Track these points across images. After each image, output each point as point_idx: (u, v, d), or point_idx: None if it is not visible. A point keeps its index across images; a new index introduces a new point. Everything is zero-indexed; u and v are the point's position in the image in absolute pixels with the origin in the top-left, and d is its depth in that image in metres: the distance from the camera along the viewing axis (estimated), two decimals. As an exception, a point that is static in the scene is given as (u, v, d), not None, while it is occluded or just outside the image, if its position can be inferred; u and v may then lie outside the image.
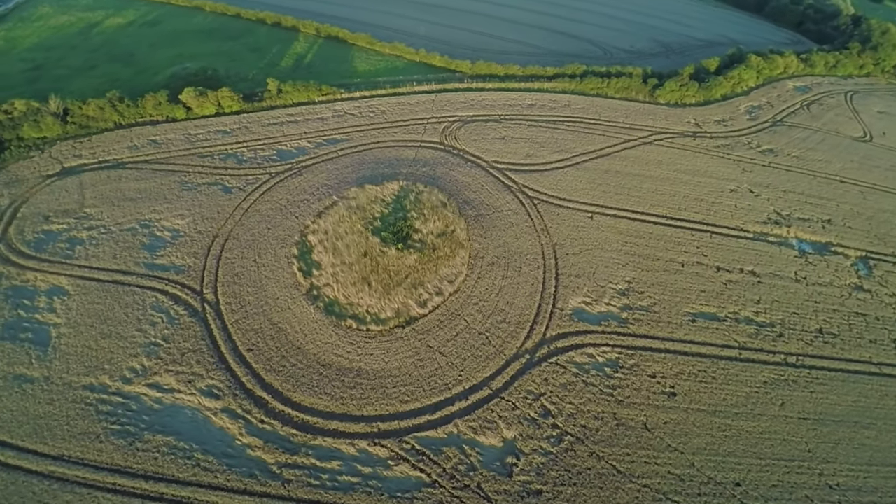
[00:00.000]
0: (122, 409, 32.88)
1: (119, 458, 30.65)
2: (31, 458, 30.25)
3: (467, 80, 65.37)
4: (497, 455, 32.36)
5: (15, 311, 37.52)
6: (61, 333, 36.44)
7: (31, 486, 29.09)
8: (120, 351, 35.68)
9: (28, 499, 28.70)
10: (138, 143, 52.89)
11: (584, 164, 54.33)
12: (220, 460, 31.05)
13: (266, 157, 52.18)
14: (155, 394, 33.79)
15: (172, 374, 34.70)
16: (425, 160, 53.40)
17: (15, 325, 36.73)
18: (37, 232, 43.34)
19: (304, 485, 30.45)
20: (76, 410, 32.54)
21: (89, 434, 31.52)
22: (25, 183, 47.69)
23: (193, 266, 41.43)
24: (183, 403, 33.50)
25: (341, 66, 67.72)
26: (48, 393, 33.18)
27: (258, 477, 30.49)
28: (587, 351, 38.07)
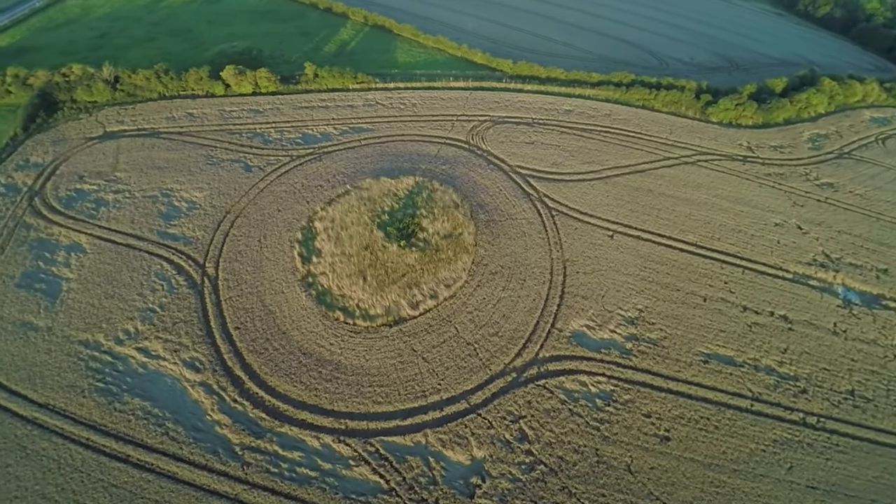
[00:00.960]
0: (109, 369, 34.17)
1: (97, 414, 31.83)
2: (20, 403, 32.04)
3: (506, 79, 63.23)
4: (462, 473, 30.83)
5: (35, 262, 40.01)
6: (71, 288, 38.46)
7: (14, 429, 30.79)
8: (119, 312, 37.14)
9: (10, 440, 30.38)
10: (176, 114, 55.11)
11: (615, 179, 50.99)
12: (188, 433, 31.51)
13: (291, 140, 52.81)
14: (142, 358, 34.88)
15: (161, 342, 35.68)
16: (447, 158, 52.10)
17: (32, 276, 39.17)
18: (69, 190, 46.10)
19: (262, 470, 30.30)
20: (69, 363, 34.17)
21: (75, 388, 32.99)
22: (70, 143, 50.93)
23: (201, 239, 42.50)
24: (165, 371, 34.36)
25: (382, 56, 67.53)
26: (48, 343, 35.07)
27: (220, 455, 30.66)
28: (580, 378, 35.55)
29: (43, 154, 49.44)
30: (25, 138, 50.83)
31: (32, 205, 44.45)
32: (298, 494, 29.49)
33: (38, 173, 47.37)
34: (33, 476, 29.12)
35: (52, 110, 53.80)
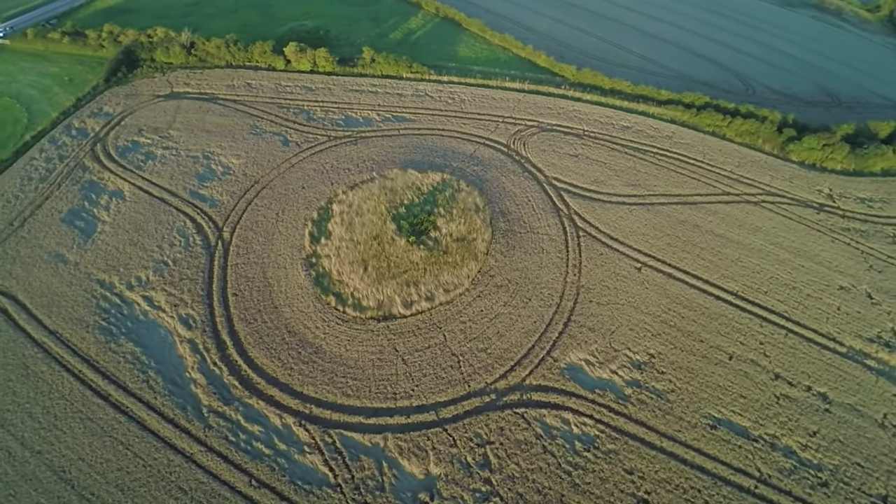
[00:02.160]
0: (115, 311, 36.55)
1: (93, 351, 34.16)
2: (35, 326, 35.17)
3: (566, 86, 59.78)
4: (412, 486, 29.44)
5: (82, 202, 43.82)
6: (104, 231, 41.66)
7: (24, 349, 33.84)
8: (137, 260, 39.64)
9: (17, 358, 33.44)
10: (236, 83, 57.96)
11: (659, 207, 46.33)
12: (166, 385, 32.87)
13: (333, 121, 53.55)
14: (145, 306, 36.96)
15: (165, 294, 37.58)
16: (481, 159, 50.21)
17: (76, 213, 42.93)
18: (127, 140, 50.03)
19: (221, 436, 30.87)
20: (83, 299, 36.99)
21: (82, 322, 35.64)
22: (139, 98, 55.31)
23: (226, 204, 44.27)
24: (161, 323, 36.12)
25: (444, 48, 66.61)
26: (71, 277, 38.24)
27: (188, 413, 31.66)
28: (564, 415, 32.60)
29: (115, 105, 54.17)
30: (105, 89, 56.02)
31: (94, 150, 48.85)
32: (248, 468, 29.70)
33: (106, 122, 51.99)
34: (27, 394, 31.86)
35: (132, 67, 58.82)
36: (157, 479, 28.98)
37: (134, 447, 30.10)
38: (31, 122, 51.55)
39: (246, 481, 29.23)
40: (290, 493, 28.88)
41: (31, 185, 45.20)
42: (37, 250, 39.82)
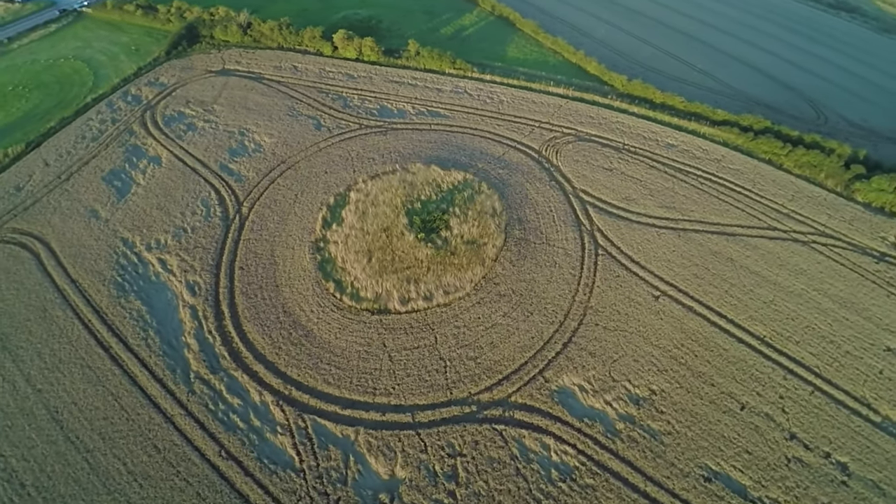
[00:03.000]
0: (131, 268, 38.59)
1: (105, 303, 36.21)
2: (59, 273, 37.80)
3: (612, 96, 56.75)
4: (375, 485, 28.86)
5: (123, 164, 46.69)
6: (136, 192, 44.12)
7: (46, 293, 36.44)
8: (159, 223, 41.64)
9: (39, 299, 36.06)
10: (283, 65, 59.67)
11: (693, 235, 42.82)
12: (162, 346, 34.24)
13: (367, 110, 53.82)
14: (158, 268, 38.72)
15: (178, 259, 39.20)
16: (509, 162, 48.62)
17: (116, 174, 45.78)
18: (174, 110, 52.78)
19: (202, 403, 31.73)
20: (106, 253, 39.32)
21: (101, 275, 37.88)
22: (193, 71, 58.25)
23: (251, 180, 45.58)
24: (170, 286, 37.70)
25: (493, 47, 65.23)
26: (99, 232, 40.77)
27: (176, 376, 32.80)
28: (545, 440, 30.81)
29: (170, 76, 57.38)
30: (164, 61, 59.51)
31: (143, 116, 51.98)
32: (220, 438, 30.30)
33: (159, 91, 55.17)
34: (40, 335, 34.26)
35: (193, 42, 62.12)
36: (136, 433, 30.22)
37: (122, 400, 31.59)
38: (95, 86, 55.82)
39: (216, 451, 29.85)
40: (255, 469, 29.18)
41: (83, 143, 48.83)
42: (75, 204, 42.89)
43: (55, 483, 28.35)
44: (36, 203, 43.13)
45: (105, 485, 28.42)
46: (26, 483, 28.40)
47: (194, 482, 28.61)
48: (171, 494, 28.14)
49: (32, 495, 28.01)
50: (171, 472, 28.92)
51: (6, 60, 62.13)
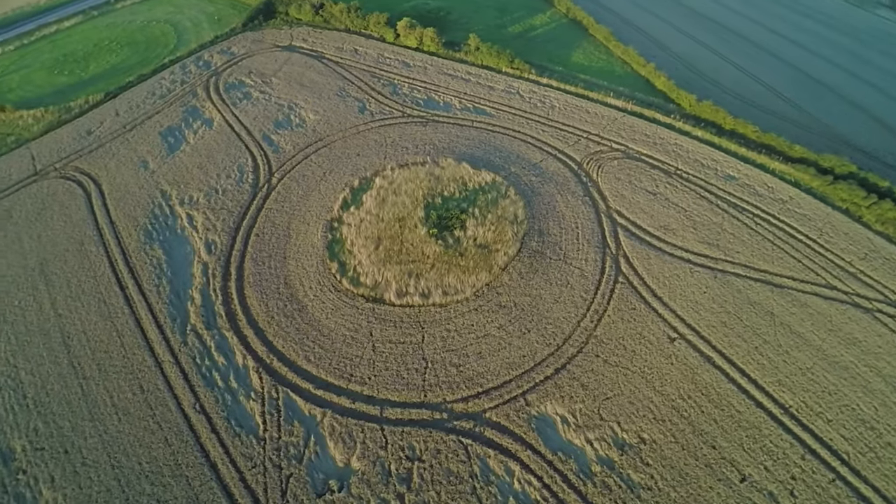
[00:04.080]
0: (162, 219, 41.31)
1: (132, 247, 39.07)
2: (102, 212, 41.39)
3: (677, 115, 52.09)
4: (328, 470, 28.68)
5: (180, 122, 50.16)
6: (184, 150, 47.21)
7: (87, 228, 40.15)
8: (196, 181, 44.22)
9: (80, 233, 39.77)
10: (345, 47, 61.05)
11: (732, 279, 38.18)
12: (169, 295, 36.36)
13: (413, 99, 53.61)
14: (185, 222, 41.14)
15: (204, 217, 41.38)
16: (544, 170, 46.25)
17: (171, 131, 49.27)
18: (236, 79, 55.82)
19: (190, 356, 33.31)
20: (144, 202, 42.46)
21: (135, 220, 40.94)
22: (262, 44, 61.29)
23: (287, 152, 47.09)
24: (191, 240, 39.91)
25: (559, 50, 62.38)
26: (144, 181, 44.08)
27: (175, 325, 34.69)
28: (511, 465, 28.99)
29: (241, 47, 60.81)
30: (239, 32, 63.22)
31: (208, 81, 55.50)
32: (198, 392, 31.61)
33: (228, 59, 58.66)
34: (73, 265, 37.72)
35: (268, 17, 65.41)
36: (128, 371, 32.35)
37: (124, 337, 33.96)
38: (175, 48, 60.60)
39: (192, 402, 31.20)
40: (221, 427, 30.13)
41: (151, 99, 53.14)
42: (130, 153, 46.76)
43: (51, 400, 31.10)
44: (100, 147, 47.65)
45: (90, 411, 30.71)
46: (28, 395, 31.43)
47: (165, 427, 30.12)
48: (142, 434, 29.83)
49: (30, 407, 30.93)
50: (148, 413, 30.66)
51: (109, 18, 69.53)
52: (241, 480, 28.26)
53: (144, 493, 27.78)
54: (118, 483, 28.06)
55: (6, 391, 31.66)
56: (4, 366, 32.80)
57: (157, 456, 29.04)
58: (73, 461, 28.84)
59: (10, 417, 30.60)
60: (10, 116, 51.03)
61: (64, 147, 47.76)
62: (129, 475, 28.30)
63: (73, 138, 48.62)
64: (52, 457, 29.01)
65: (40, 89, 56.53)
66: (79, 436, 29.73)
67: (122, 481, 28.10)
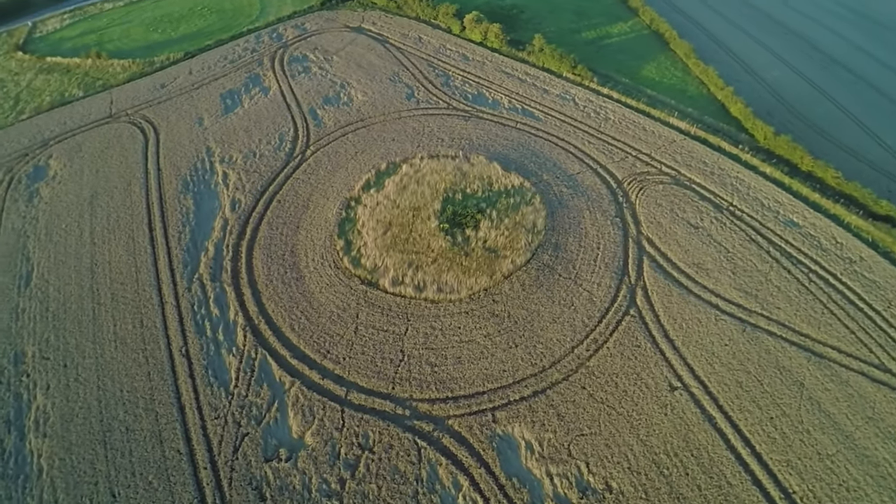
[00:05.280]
0: (200, 173, 44.19)
1: (169, 193, 42.32)
2: (153, 159, 45.14)
3: (745, 147, 46.62)
4: (283, 438, 28.97)
5: (241, 87, 53.44)
6: (237, 113, 50.16)
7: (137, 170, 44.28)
8: (239, 143, 46.76)
9: (129, 173, 43.68)
10: (410, 34, 61.44)
11: (763, 337, 33.32)
12: (187, 244, 38.74)
13: (463, 93, 52.68)
14: (220, 179, 43.64)
15: (237, 176, 43.63)
16: (579, 184, 43.42)
17: (231, 94, 52.68)
18: (301, 53, 58.29)
19: (190, 304, 35.22)
20: (191, 154, 45.72)
21: (178, 171, 44.26)
22: (333, 23, 63.47)
23: (327, 128, 48.34)
24: (220, 196, 42.25)
25: (630, 61, 58.26)
26: (196, 136, 47.41)
27: (185, 272, 36.95)
28: (460, 478, 27.51)
29: (313, 24, 63.40)
30: (316, 10, 66.03)
31: (275, 52, 58.44)
32: (188, 337, 33.40)
33: (298, 34, 61.42)
34: (116, 202, 41.80)
35: (346, -1, 67.78)
36: (135, 305, 34.97)
37: (140, 273, 36.74)
38: (256, 19, 64.58)
39: (179, 345, 33.07)
40: (198, 374, 31.61)
41: (222, 63, 57.01)
42: (191, 109, 50.51)
43: (66, 317, 34.41)
44: (168, 100, 51.98)
45: (94, 334, 33.56)
46: (50, 309, 35.01)
47: (151, 363, 32.17)
48: (130, 365, 32.08)
49: (49, 320, 34.45)
50: (140, 347, 32.93)
51: (206, -15, 76.21)
52: (201, 427, 29.50)
53: (117, 418, 29.89)
54: (98, 403, 30.44)
55: (34, 302, 35.58)
56: (39, 280, 36.90)
57: (137, 387, 31.14)
58: (69, 375, 31.74)
59: (31, 325, 34.34)
60: (103, 64, 57.48)
61: (139, 96, 52.82)
62: (109, 399, 30.61)
63: (149, 89, 53.57)
64: (52, 367, 32.15)
65: (135, 43, 63.04)
66: (79, 354, 32.67)
67: (101, 402, 30.47)
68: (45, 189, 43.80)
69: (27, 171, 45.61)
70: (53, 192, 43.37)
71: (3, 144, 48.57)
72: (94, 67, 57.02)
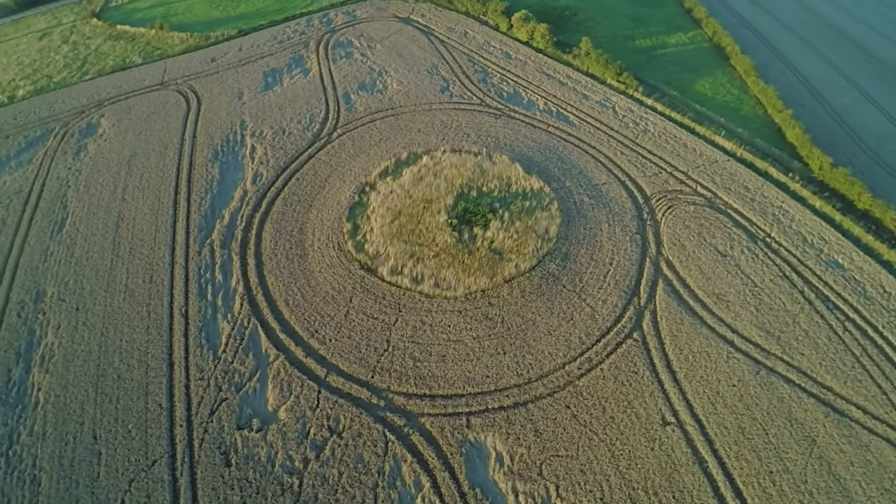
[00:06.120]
0: (231, 145, 45.95)
1: (198, 161, 44.23)
2: (191, 128, 47.23)
3: (796, 175, 42.49)
4: (258, 410, 29.45)
5: (283, 67, 55.13)
6: (275, 91, 51.79)
7: (175, 136, 46.47)
8: (272, 119, 48.17)
9: (167, 138, 45.99)
10: (457, 28, 60.84)
11: (779, 384, 30.11)
12: (207, 209, 40.34)
13: (499, 90, 51.46)
14: (247, 151, 45.19)
15: (263, 151, 44.94)
16: (603, 195, 41.22)
17: (273, 72, 54.60)
18: (346, 39, 59.23)
19: (198, 265, 36.61)
20: (226, 125, 47.73)
21: (211, 139, 46.31)
22: (383, 13, 64.10)
23: (357, 112, 48.74)
24: (245, 168, 43.66)
25: (683, 73, 54.71)
26: (233, 109, 49.48)
27: (199, 236, 38.49)
28: (423, 479, 26.80)
29: (364, 11, 64.29)
30: (369, -2, 66.94)
31: (321, 36, 59.76)
32: (190, 298, 34.70)
33: (348, 21, 62.48)
34: (151, 164, 44.21)
35: (400, -11, 68.05)
36: (147, 261, 36.76)
37: (158, 232, 38.58)
38: (310, 4, 66.33)
39: (181, 305, 34.41)
40: (192, 335, 32.75)
41: (271, 43, 59.05)
42: (234, 83, 52.67)
43: (87, 265, 36.74)
44: (215, 74, 54.44)
45: (108, 284, 35.57)
46: (74, 255, 37.47)
47: (152, 318, 33.68)
48: (133, 317, 33.73)
49: (72, 265, 36.89)
50: (145, 301, 34.57)
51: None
52: (185, 386, 30.53)
53: (112, 365, 31.48)
54: (98, 349, 32.20)
55: (63, 247, 38.22)
56: (70, 227, 39.63)
57: (135, 339, 32.68)
58: (78, 319, 33.80)
59: (56, 268, 36.90)
60: (164, 35, 61.17)
61: (190, 67, 55.72)
62: (108, 346, 32.31)
63: (200, 62, 56.35)
64: (66, 309, 34.37)
65: (196, 18, 66.60)
66: (91, 300, 34.73)
67: (101, 348, 32.21)
68: (92, 145, 47.14)
69: (80, 127, 49.31)
70: (99, 148, 46.59)
71: (65, 101, 52.87)
72: (156, 38, 60.88)
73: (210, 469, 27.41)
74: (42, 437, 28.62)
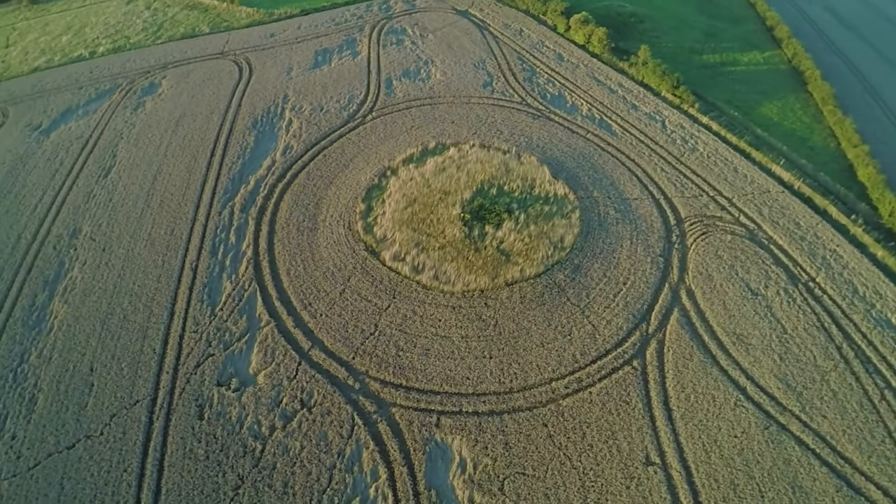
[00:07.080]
0: (271, 116, 47.63)
1: (237, 128, 46.33)
2: (237, 96, 49.23)
3: (860, 218, 37.55)
4: (240, 372, 30.14)
5: (335, 48, 56.48)
6: (322, 70, 53.27)
7: (220, 102, 48.38)
8: (313, 96, 49.57)
9: (213, 105, 48.08)
10: (513, 25, 59.44)
11: (789, 444, 26.48)
12: (234, 174, 42.01)
13: (543, 91, 49.58)
14: (284, 124, 46.71)
15: (298, 125, 46.21)
16: (631, 209, 38.53)
17: (324, 52, 56.05)
18: (400, 27, 59.71)
19: (216, 225, 38.21)
20: (269, 97, 49.69)
21: (253, 109, 48.29)
22: (442, 4, 64.03)
23: (395, 98, 48.84)
24: (278, 140, 45.03)
25: (749, 94, 50.04)
26: (280, 82, 51.55)
27: (223, 200, 40.10)
28: (381, 471, 26.30)
29: (423, 2, 64.55)
30: (433, -11, 66.94)
31: (377, 22, 60.58)
32: (203, 255, 36.18)
33: (406, 9, 62.96)
34: (193, 127, 46.56)
35: (465, -17, 67.57)
36: (172, 214, 38.83)
37: (188, 190, 40.68)
38: (377, -11, 67.70)
39: (192, 260, 35.99)
40: (197, 289, 34.19)
41: (328, 24, 60.67)
42: (285, 59, 54.63)
43: (121, 210, 39.59)
44: (271, 48, 56.67)
45: (134, 230, 37.91)
46: (112, 200, 40.41)
47: (165, 268, 35.50)
48: (149, 264, 35.71)
49: (108, 209, 39.85)
50: (162, 251, 36.49)
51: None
52: (179, 336, 31.87)
53: (121, 305, 33.47)
54: (112, 288, 34.36)
55: (104, 191, 41.24)
56: (115, 175, 42.69)
57: (146, 284, 34.56)
58: (102, 259, 36.26)
59: (94, 209, 39.85)
60: (233, 9, 64.59)
61: (249, 41, 58.37)
62: (121, 287, 34.39)
63: (259, 36, 58.90)
64: (94, 248, 36.99)
65: (267, -5, 70.10)
66: (116, 243, 37.16)
67: (115, 288, 34.35)
68: (149, 103, 50.60)
69: (143, 86, 53.09)
70: (154, 106, 49.93)
71: (136, 60, 57.19)
72: (226, 11, 64.44)
73: (184, 419, 28.40)
74: (48, 361, 30.97)
